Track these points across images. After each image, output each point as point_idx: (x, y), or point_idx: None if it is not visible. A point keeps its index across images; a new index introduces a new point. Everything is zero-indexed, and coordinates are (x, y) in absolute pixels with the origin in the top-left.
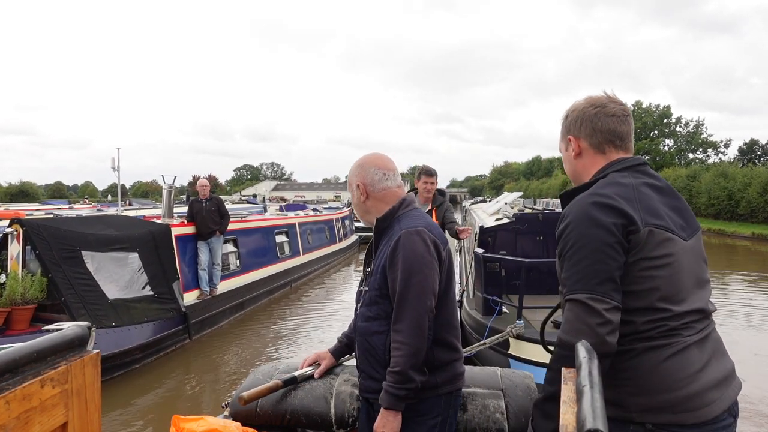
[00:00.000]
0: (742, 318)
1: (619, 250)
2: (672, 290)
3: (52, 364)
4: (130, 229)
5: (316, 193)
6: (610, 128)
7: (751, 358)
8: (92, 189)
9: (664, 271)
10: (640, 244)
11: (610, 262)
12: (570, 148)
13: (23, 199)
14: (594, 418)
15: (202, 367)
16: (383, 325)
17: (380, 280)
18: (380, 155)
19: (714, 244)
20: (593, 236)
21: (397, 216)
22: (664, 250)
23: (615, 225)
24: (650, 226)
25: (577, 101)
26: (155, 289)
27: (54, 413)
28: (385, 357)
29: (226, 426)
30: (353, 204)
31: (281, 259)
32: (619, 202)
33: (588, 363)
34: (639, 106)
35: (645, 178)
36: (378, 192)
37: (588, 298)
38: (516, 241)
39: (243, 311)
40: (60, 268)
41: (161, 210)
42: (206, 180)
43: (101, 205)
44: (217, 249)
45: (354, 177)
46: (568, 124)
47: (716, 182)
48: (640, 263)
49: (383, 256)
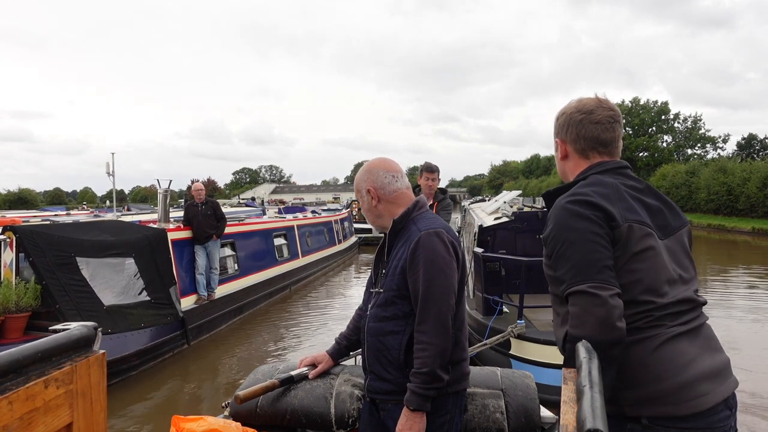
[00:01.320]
0: (749, 312)
1: (607, 240)
2: (654, 283)
3: (56, 365)
4: (125, 235)
5: (315, 195)
6: (593, 135)
7: (761, 352)
8: (91, 195)
9: (645, 264)
10: (622, 239)
11: (603, 251)
12: (558, 149)
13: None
14: (594, 418)
15: (201, 372)
16: (399, 326)
17: (398, 281)
18: (385, 159)
19: (714, 239)
20: (581, 229)
21: (412, 217)
22: (644, 245)
23: (598, 217)
24: (630, 222)
25: (569, 104)
26: (152, 295)
27: (58, 414)
28: (399, 357)
29: (226, 426)
30: (363, 210)
31: (280, 262)
32: (598, 199)
33: (588, 363)
34: (637, 102)
35: (625, 179)
36: (390, 195)
37: (590, 287)
38: (516, 239)
39: (242, 315)
40: (54, 274)
41: (157, 215)
42: (201, 184)
43: (99, 210)
44: (214, 253)
45: (363, 182)
46: (558, 127)
47: (715, 177)
48: (623, 258)
49: (401, 258)
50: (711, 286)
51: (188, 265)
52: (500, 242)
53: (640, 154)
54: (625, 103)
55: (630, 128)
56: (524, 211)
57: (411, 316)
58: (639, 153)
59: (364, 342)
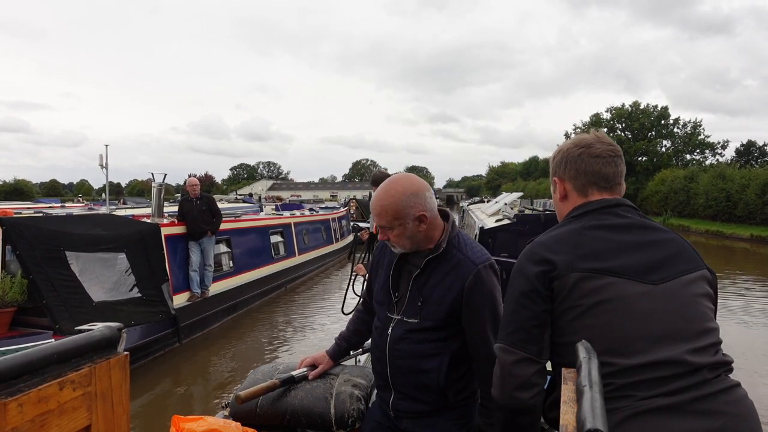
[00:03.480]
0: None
1: (534, 298)
2: (616, 341)
3: (74, 366)
4: (117, 229)
5: (313, 192)
6: (594, 169)
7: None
8: (88, 187)
9: (599, 318)
10: (565, 290)
11: (522, 312)
12: (557, 189)
13: (18, 197)
14: (594, 418)
15: (193, 371)
16: (438, 348)
17: (446, 312)
18: (415, 176)
19: (712, 245)
20: (515, 285)
21: (452, 241)
22: (597, 297)
23: (536, 273)
24: (580, 271)
25: (564, 142)
26: (143, 291)
27: (74, 416)
28: (439, 381)
29: (226, 426)
30: (403, 237)
31: (276, 260)
32: (545, 250)
33: (588, 363)
34: (637, 106)
35: (609, 218)
36: (434, 217)
37: (499, 348)
38: (517, 242)
39: (236, 313)
40: (42, 269)
41: (151, 209)
42: (196, 179)
43: (94, 203)
44: (208, 249)
45: (411, 208)
46: (555, 165)
47: (714, 183)
48: (569, 312)
49: (450, 288)
50: None
51: (182, 262)
52: (501, 244)
53: (640, 158)
54: (625, 107)
55: (629, 132)
56: (526, 213)
57: (450, 338)
58: (638, 157)
59: (387, 361)
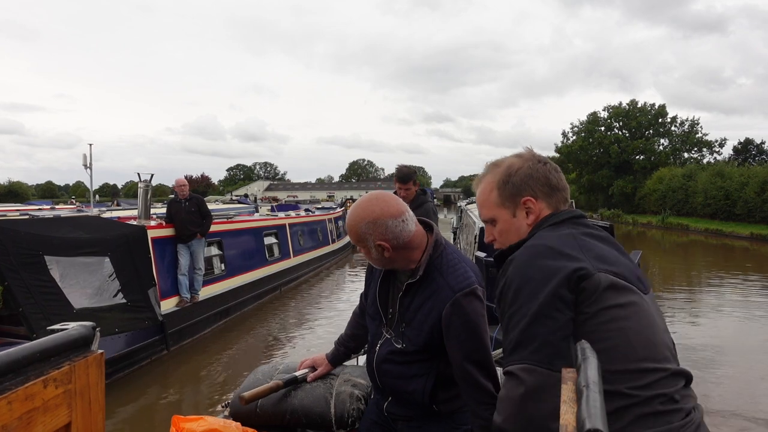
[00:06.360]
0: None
1: (558, 305)
2: (652, 347)
3: (55, 365)
4: (101, 232)
5: (310, 193)
6: (563, 184)
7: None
8: (83, 189)
9: (633, 322)
10: (598, 290)
11: (545, 322)
12: (522, 212)
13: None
14: (594, 418)
15: (180, 380)
16: (423, 369)
17: (426, 338)
18: (383, 199)
19: (711, 244)
20: (527, 292)
21: (434, 264)
22: (627, 298)
23: (559, 272)
24: (605, 272)
25: (509, 162)
26: (128, 297)
27: (57, 413)
28: (424, 401)
29: (226, 426)
30: (371, 260)
31: (270, 262)
32: (562, 246)
33: (588, 363)
34: (634, 105)
35: (586, 228)
36: (403, 242)
37: (522, 369)
38: None
39: (228, 318)
40: (18, 275)
41: (137, 211)
42: (184, 179)
43: (85, 205)
44: (198, 252)
45: (368, 236)
46: (515, 187)
47: (713, 182)
48: (602, 314)
49: (430, 315)
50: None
51: (170, 265)
52: None
53: (637, 156)
54: (622, 105)
55: (627, 130)
56: None
57: (435, 359)
58: (636, 155)
59: (376, 378)
